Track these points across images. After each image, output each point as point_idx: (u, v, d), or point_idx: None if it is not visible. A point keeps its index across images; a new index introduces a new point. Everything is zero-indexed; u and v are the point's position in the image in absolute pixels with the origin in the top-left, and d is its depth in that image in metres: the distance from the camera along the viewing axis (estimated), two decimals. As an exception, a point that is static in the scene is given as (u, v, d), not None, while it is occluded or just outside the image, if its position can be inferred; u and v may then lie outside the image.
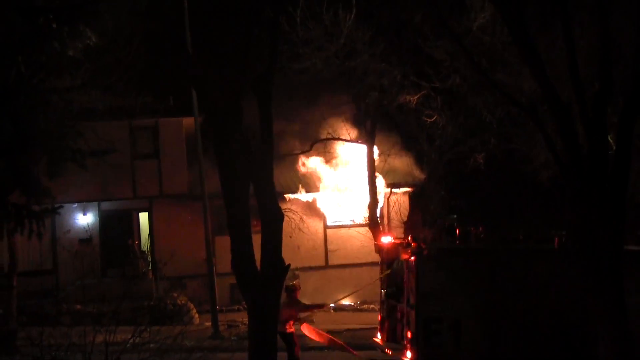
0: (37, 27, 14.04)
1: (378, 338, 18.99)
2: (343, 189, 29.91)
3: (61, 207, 14.20)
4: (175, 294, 28.27)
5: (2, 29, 12.95)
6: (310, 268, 30.30)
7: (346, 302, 28.83)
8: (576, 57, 13.43)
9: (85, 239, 29.02)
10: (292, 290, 18.86)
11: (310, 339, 20.45)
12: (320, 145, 28.42)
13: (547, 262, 16.59)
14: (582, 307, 14.72)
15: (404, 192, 30.90)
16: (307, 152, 28.36)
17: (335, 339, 19.58)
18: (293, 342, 18.78)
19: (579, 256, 13.55)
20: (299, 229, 28.57)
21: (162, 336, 12.24)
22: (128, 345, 11.52)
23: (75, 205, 29.49)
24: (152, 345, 11.96)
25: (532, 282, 16.35)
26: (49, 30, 14.41)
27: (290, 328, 18.79)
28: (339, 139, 28.56)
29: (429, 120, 25.88)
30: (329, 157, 29.49)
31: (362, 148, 27.27)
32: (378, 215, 27.16)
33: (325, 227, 31.20)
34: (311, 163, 29.61)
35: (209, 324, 25.47)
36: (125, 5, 18.27)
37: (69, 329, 11.44)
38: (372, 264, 24.80)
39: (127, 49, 22.38)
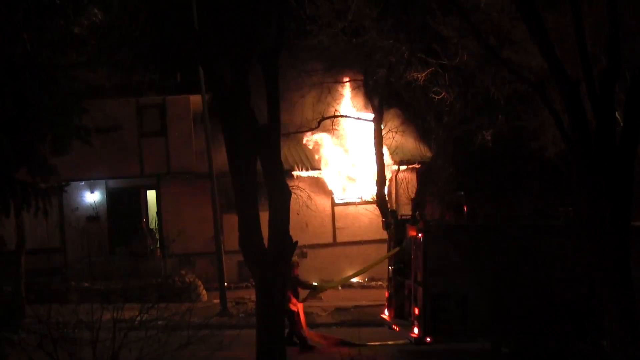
0: (41, 3, 14.00)
1: (385, 315, 19.05)
2: (351, 166, 29.89)
3: (68, 184, 14.18)
4: (183, 272, 28.34)
5: (5, 4, 12.92)
6: (318, 245, 30.30)
7: (354, 278, 28.89)
8: (584, 33, 13.37)
9: (92, 216, 29.07)
10: (291, 267, 18.81)
11: (318, 317, 20.51)
12: (328, 122, 28.36)
13: (553, 238, 16.59)
14: (589, 282, 14.74)
15: (412, 169, 30.85)
16: (314, 129, 28.32)
17: (333, 338, 19.45)
18: (294, 319, 18.82)
19: (586, 232, 13.55)
20: (307, 206, 28.56)
21: (169, 313, 12.28)
22: (136, 322, 11.55)
23: (83, 183, 29.51)
24: (159, 322, 12.00)
25: (539, 257, 16.37)
26: (53, 6, 14.37)
27: (293, 306, 18.80)
28: (346, 116, 28.51)
29: (436, 97, 25.78)
30: (336, 134, 29.44)
31: (370, 125, 27.21)
32: (386, 192, 27.14)
33: (333, 204, 31.16)
34: (319, 140, 29.57)
35: (217, 301, 25.54)
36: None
37: (77, 306, 11.48)
38: (380, 241, 24.79)
39: (133, 25, 22.33)
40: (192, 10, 21.66)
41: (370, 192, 28.21)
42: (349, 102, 29.21)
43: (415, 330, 16.69)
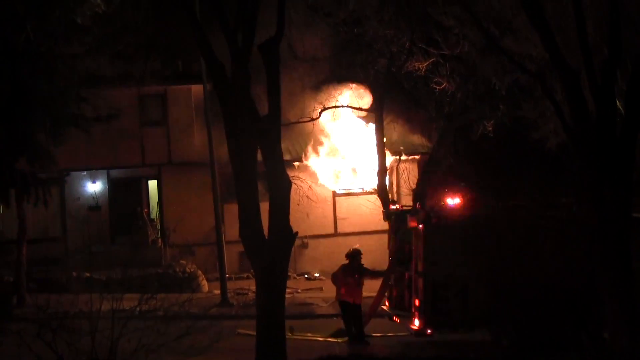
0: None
1: (386, 305, 19.04)
2: (352, 157, 29.84)
3: (68, 174, 14.24)
4: (184, 262, 28.37)
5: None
6: (320, 236, 30.32)
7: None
8: (585, 23, 13.33)
9: (93, 206, 29.13)
10: (355, 256, 18.54)
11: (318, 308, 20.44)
12: (329, 112, 28.30)
13: (554, 228, 16.56)
14: (590, 272, 14.72)
15: (413, 160, 30.81)
16: (315, 119, 28.26)
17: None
18: (359, 315, 18.42)
19: (586, 223, 13.54)
20: (307, 196, 28.54)
21: (169, 303, 12.29)
22: (135, 312, 11.56)
23: (85, 173, 29.54)
24: (159, 312, 12.01)
25: (539, 248, 16.34)
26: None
27: (358, 299, 18.39)
28: (348, 106, 28.43)
29: (438, 87, 25.72)
30: (338, 125, 29.37)
31: (371, 115, 27.15)
32: (387, 182, 27.09)
33: (335, 194, 31.16)
34: (320, 130, 29.51)
35: (217, 291, 25.57)
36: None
37: (77, 296, 11.50)
38: (381, 232, 24.80)
39: (135, 14, 22.32)
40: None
41: (372, 183, 28.18)
42: (350, 92, 29.13)
43: (416, 322, 16.68)
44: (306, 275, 29.89)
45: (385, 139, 26.67)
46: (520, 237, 16.40)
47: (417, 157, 30.68)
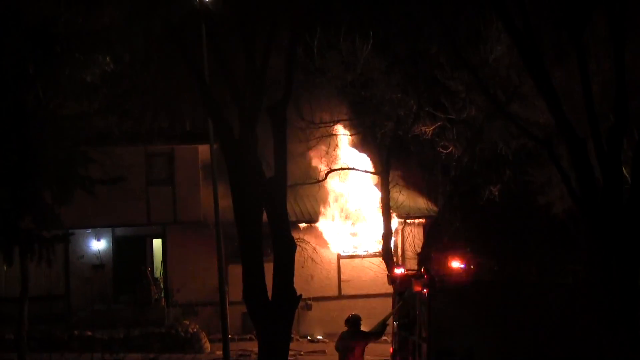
0: (53, 53, 14.18)
1: (389, 370, 18.80)
2: (357, 219, 29.79)
3: (72, 234, 14.22)
4: (187, 322, 28.15)
5: (15, 55, 13.09)
6: (323, 298, 30.13)
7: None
8: (591, 90, 13.42)
9: (97, 264, 29.04)
10: (355, 322, 18.00)
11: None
12: (335, 174, 28.36)
13: (561, 296, 16.41)
14: (597, 341, 14.55)
15: (418, 223, 30.76)
16: (321, 181, 28.30)
17: None
18: None
19: (593, 290, 13.43)
20: (312, 259, 28.47)
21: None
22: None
23: (90, 230, 29.50)
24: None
25: (546, 316, 16.17)
26: (64, 56, 14.56)
27: None
28: (354, 168, 28.49)
29: (444, 151, 25.80)
30: (343, 187, 29.42)
31: (377, 178, 27.20)
32: (392, 246, 27.02)
33: (339, 257, 31.04)
34: (325, 192, 29.54)
35: (220, 352, 25.31)
36: (140, 34, 18.41)
37: (79, 354, 11.39)
38: (385, 294, 24.59)
39: (144, 75, 22.50)
40: (203, 61, 21.89)
41: (377, 246, 28.10)
42: (356, 155, 29.21)
43: (420, 388, 16.43)
44: (309, 338, 29.62)
45: (390, 202, 26.67)
46: (526, 303, 16.24)
47: (422, 220, 30.61)
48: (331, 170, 27.86)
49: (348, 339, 17.79)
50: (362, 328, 18.09)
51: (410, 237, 29.86)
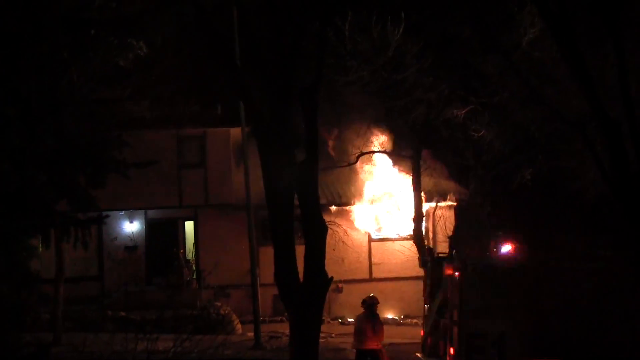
0: (87, 38, 14.27)
1: (420, 354, 18.84)
2: (388, 202, 29.80)
3: (107, 216, 14.35)
4: (218, 304, 28.34)
5: (50, 40, 13.18)
6: (354, 281, 30.18)
7: (390, 315, 28.70)
8: (627, 74, 13.27)
9: (130, 246, 29.31)
10: (372, 304, 17.98)
11: (352, 353, 20.15)
12: (366, 157, 28.36)
13: (593, 281, 16.34)
14: (630, 326, 14.50)
15: (450, 207, 30.69)
16: (353, 164, 28.32)
17: None
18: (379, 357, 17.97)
19: (626, 274, 13.37)
20: (343, 241, 28.52)
21: (203, 346, 12.27)
22: (170, 354, 11.56)
23: (123, 213, 29.76)
24: (193, 354, 12.00)
25: (577, 299, 16.12)
26: (98, 41, 14.65)
27: (378, 345, 18.04)
28: (385, 152, 28.49)
29: (476, 135, 25.69)
30: (375, 170, 29.42)
31: (409, 161, 27.18)
32: (423, 229, 27.00)
33: (370, 240, 31.06)
34: (357, 175, 29.56)
35: (251, 334, 25.47)
36: (173, 18, 18.48)
37: (112, 335, 11.52)
38: (416, 278, 24.63)
39: (176, 59, 22.60)
40: (234, 45, 21.94)
41: (408, 229, 28.09)
42: (387, 138, 29.19)
43: (451, 371, 16.46)
44: (340, 320, 29.73)
45: (422, 185, 26.66)
46: (558, 288, 16.19)
47: (453, 204, 30.54)
48: (362, 153, 27.87)
49: (362, 321, 17.82)
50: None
51: (442, 220, 29.80)
